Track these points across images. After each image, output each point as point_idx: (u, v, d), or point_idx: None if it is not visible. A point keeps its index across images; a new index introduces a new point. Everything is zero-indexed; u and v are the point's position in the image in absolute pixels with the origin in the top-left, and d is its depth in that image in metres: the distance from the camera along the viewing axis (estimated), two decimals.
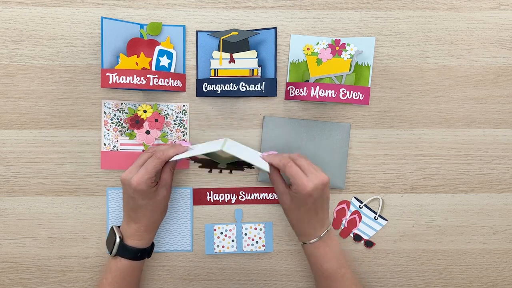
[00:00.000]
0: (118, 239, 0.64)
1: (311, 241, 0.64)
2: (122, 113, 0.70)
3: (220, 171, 0.72)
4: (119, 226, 0.67)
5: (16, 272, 0.72)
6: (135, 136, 0.70)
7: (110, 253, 0.64)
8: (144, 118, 0.70)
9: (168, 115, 0.71)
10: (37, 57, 0.69)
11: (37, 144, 0.71)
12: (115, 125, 0.70)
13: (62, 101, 0.70)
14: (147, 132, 0.70)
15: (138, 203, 0.62)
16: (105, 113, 0.70)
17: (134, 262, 0.65)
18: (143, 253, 0.66)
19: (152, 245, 0.69)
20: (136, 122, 0.70)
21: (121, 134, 0.70)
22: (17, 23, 0.69)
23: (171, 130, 0.71)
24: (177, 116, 0.71)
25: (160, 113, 0.71)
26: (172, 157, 0.62)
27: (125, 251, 0.64)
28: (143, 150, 0.70)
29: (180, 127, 0.71)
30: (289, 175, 0.61)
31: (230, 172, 0.72)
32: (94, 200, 0.72)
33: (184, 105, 0.71)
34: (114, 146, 0.70)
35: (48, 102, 0.70)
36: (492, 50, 0.72)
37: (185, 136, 0.71)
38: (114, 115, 0.70)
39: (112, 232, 0.66)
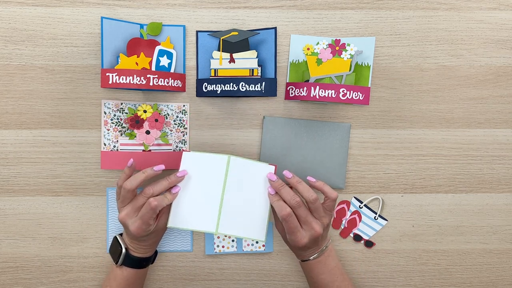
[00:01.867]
0: (124, 250, 0.64)
1: (311, 257, 0.65)
2: (122, 113, 0.70)
3: None
4: (121, 234, 0.68)
5: (16, 272, 0.72)
6: (135, 136, 0.70)
7: (116, 263, 0.65)
8: (144, 118, 0.70)
9: (168, 115, 0.71)
10: (37, 57, 0.69)
11: (37, 144, 0.71)
12: (115, 125, 0.70)
13: (62, 101, 0.70)
14: (147, 132, 0.70)
15: (139, 239, 0.64)
16: (105, 113, 0.70)
17: (139, 270, 0.66)
18: (147, 261, 0.67)
19: (156, 252, 0.70)
20: (136, 122, 0.70)
21: (121, 134, 0.70)
22: (17, 23, 0.69)
23: (171, 130, 0.71)
24: (177, 116, 0.71)
25: (160, 113, 0.71)
26: (167, 203, 0.62)
27: (130, 260, 0.65)
28: (143, 150, 0.70)
29: (180, 127, 0.71)
30: (285, 229, 0.62)
31: None
32: (94, 200, 0.72)
33: (184, 105, 0.71)
34: (114, 146, 0.70)
35: (48, 102, 0.70)
36: (492, 50, 0.72)
37: (185, 136, 0.71)
38: (114, 115, 0.70)
39: (116, 243, 0.66)
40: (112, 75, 0.64)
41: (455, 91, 0.72)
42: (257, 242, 0.73)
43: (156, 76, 0.66)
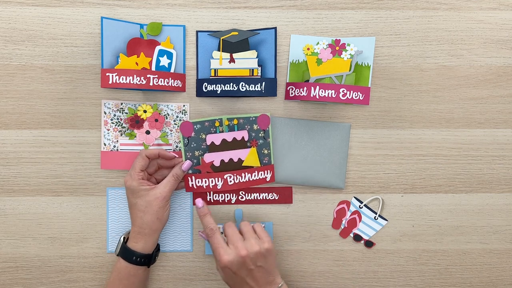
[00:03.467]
0: (122, 239, 0.67)
1: None
2: (122, 113, 0.70)
3: None
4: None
5: (16, 272, 0.72)
6: (135, 136, 0.70)
7: (116, 254, 0.67)
8: (144, 118, 0.70)
9: (168, 115, 0.71)
10: (37, 57, 0.69)
11: (37, 144, 0.71)
12: (115, 125, 0.70)
13: (62, 101, 0.70)
14: (147, 132, 0.70)
15: (130, 201, 0.65)
16: (105, 113, 0.70)
17: (131, 266, 0.65)
18: (141, 258, 0.65)
19: (153, 254, 0.68)
20: (136, 122, 0.70)
21: (121, 134, 0.70)
22: (17, 23, 0.69)
23: (171, 130, 0.71)
24: (177, 116, 0.71)
25: (160, 113, 0.71)
26: (156, 154, 0.66)
27: (124, 251, 0.65)
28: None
29: None
30: (211, 246, 0.64)
31: None
32: (94, 200, 0.72)
33: (184, 105, 0.71)
34: (114, 146, 0.70)
35: (48, 102, 0.70)
36: (492, 50, 0.72)
37: None
38: (114, 115, 0.70)
39: (120, 241, 0.68)
40: (112, 75, 0.64)
41: (455, 91, 0.72)
42: None
43: (156, 76, 0.66)
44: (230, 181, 0.68)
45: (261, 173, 0.69)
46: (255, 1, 0.70)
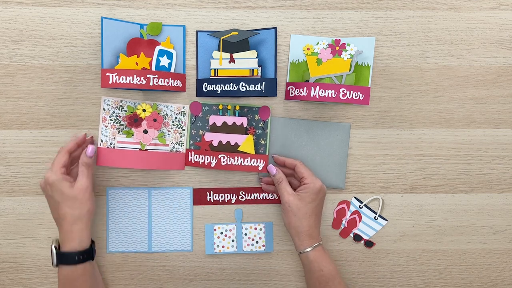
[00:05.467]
0: (53, 248, 0.64)
1: (314, 245, 0.66)
2: (121, 111, 0.70)
3: None
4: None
5: (16, 272, 0.72)
6: (133, 135, 0.70)
7: (54, 265, 0.64)
8: (143, 117, 0.70)
9: (167, 115, 0.71)
10: (37, 57, 0.69)
11: (37, 144, 0.71)
12: (113, 122, 0.70)
13: (62, 101, 0.70)
14: (145, 131, 0.70)
15: (55, 199, 0.63)
16: (104, 109, 0.70)
17: (78, 266, 0.63)
18: (83, 255, 0.63)
19: (92, 247, 0.65)
20: (134, 120, 0.69)
21: (119, 132, 0.70)
22: (17, 23, 0.69)
23: (169, 131, 0.71)
24: (176, 117, 0.71)
25: (159, 113, 0.71)
26: (75, 145, 0.66)
27: (63, 258, 0.63)
28: (139, 149, 0.70)
29: (178, 128, 0.71)
30: (300, 172, 0.68)
31: None
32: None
33: (183, 107, 0.71)
34: (111, 143, 0.70)
35: (48, 102, 0.70)
36: (492, 50, 0.72)
37: (182, 137, 0.71)
38: (113, 112, 0.70)
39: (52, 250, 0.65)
40: (112, 75, 0.64)
41: (455, 91, 0.72)
42: (254, 240, 0.73)
43: (156, 76, 0.66)
44: (223, 162, 0.68)
45: (254, 161, 0.69)
46: (255, 1, 0.70)
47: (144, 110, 0.70)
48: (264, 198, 0.73)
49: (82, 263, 0.63)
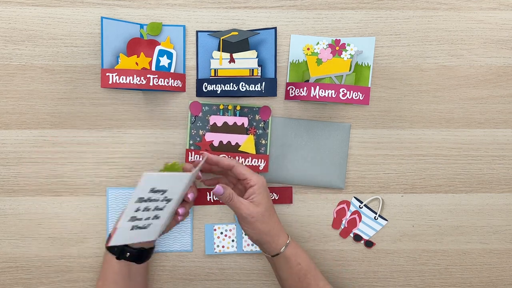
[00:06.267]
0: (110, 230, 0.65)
1: (288, 240, 0.64)
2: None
3: None
4: None
5: (16, 272, 0.72)
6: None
7: (116, 256, 0.64)
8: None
9: None
10: (37, 57, 0.70)
11: (37, 144, 0.71)
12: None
13: (62, 101, 0.70)
14: None
15: None
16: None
17: (114, 260, 0.63)
18: (122, 253, 0.63)
19: (139, 251, 0.65)
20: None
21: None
22: (17, 23, 0.69)
23: None
24: None
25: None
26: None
27: (127, 252, 0.64)
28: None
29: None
30: (241, 174, 0.63)
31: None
32: (94, 200, 0.72)
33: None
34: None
35: (48, 102, 0.70)
36: (492, 50, 0.72)
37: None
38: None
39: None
40: (112, 75, 0.64)
41: (455, 91, 0.72)
42: None
43: (156, 76, 0.66)
44: None
45: (255, 161, 0.69)
46: (255, 1, 0.70)
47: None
48: None
49: (119, 258, 0.63)
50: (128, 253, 0.64)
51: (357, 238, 0.74)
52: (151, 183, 0.54)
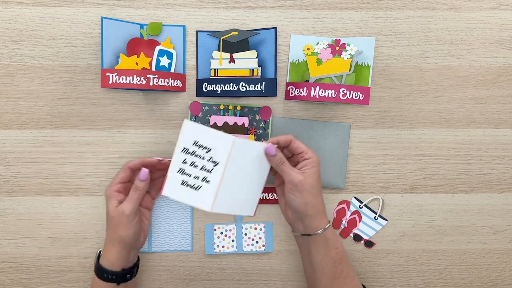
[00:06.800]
0: (97, 252, 0.65)
1: (326, 226, 0.62)
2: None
3: None
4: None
5: (16, 272, 0.72)
6: None
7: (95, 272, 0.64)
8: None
9: None
10: (37, 57, 0.70)
11: (37, 144, 0.71)
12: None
13: (62, 101, 0.70)
14: None
15: (106, 209, 0.63)
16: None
17: (100, 282, 0.62)
18: (110, 275, 0.62)
19: (123, 272, 0.63)
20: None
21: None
22: (17, 23, 0.69)
23: None
24: None
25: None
26: (140, 163, 0.63)
27: (95, 266, 0.63)
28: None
29: None
30: (298, 148, 0.62)
31: None
32: (94, 200, 0.72)
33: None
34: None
35: (48, 102, 0.70)
36: (492, 50, 0.72)
37: None
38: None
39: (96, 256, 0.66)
40: (112, 75, 0.64)
41: (455, 91, 0.72)
42: (254, 240, 0.73)
43: (156, 76, 0.66)
44: None
45: None
46: (255, 1, 0.70)
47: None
48: (264, 198, 0.73)
49: (106, 281, 0.62)
50: (114, 276, 0.62)
51: (357, 238, 0.74)
52: (193, 133, 0.58)
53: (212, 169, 0.59)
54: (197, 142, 0.59)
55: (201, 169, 0.59)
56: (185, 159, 0.59)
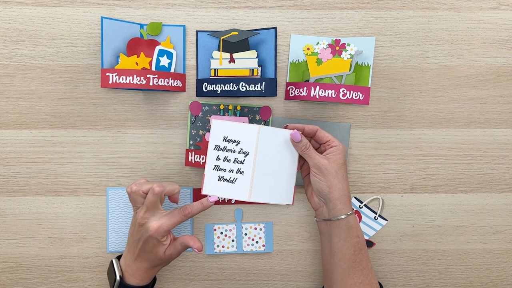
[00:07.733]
0: (118, 278, 0.62)
1: (349, 212, 0.63)
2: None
3: None
4: (118, 258, 0.65)
5: (16, 272, 0.72)
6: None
7: None
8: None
9: None
10: (37, 57, 0.70)
11: (37, 144, 0.71)
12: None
13: (62, 101, 0.70)
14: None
15: (146, 247, 0.61)
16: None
17: None
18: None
19: (154, 280, 0.67)
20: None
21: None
22: (17, 23, 0.69)
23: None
24: None
25: None
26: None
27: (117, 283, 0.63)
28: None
29: None
30: (324, 137, 0.64)
31: None
32: (94, 200, 0.72)
33: None
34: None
35: (48, 102, 0.70)
36: (492, 50, 0.72)
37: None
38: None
39: (111, 268, 0.64)
40: (112, 75, 0.64)
41: (455, 91, 0.72)
42: (254, 240, 0.73)
43: (156, 76, 0.66)
44: None
45: None
46: (255, 1, 0.70)
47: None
48: None
49: None
50: None
51: None
52: (221, 130, 0.62)
53: (244, 160, 0.62)
54: (226, 137, 0.62)
55: (234, 162, 0.62)
56: (218, 156, 0.62)
